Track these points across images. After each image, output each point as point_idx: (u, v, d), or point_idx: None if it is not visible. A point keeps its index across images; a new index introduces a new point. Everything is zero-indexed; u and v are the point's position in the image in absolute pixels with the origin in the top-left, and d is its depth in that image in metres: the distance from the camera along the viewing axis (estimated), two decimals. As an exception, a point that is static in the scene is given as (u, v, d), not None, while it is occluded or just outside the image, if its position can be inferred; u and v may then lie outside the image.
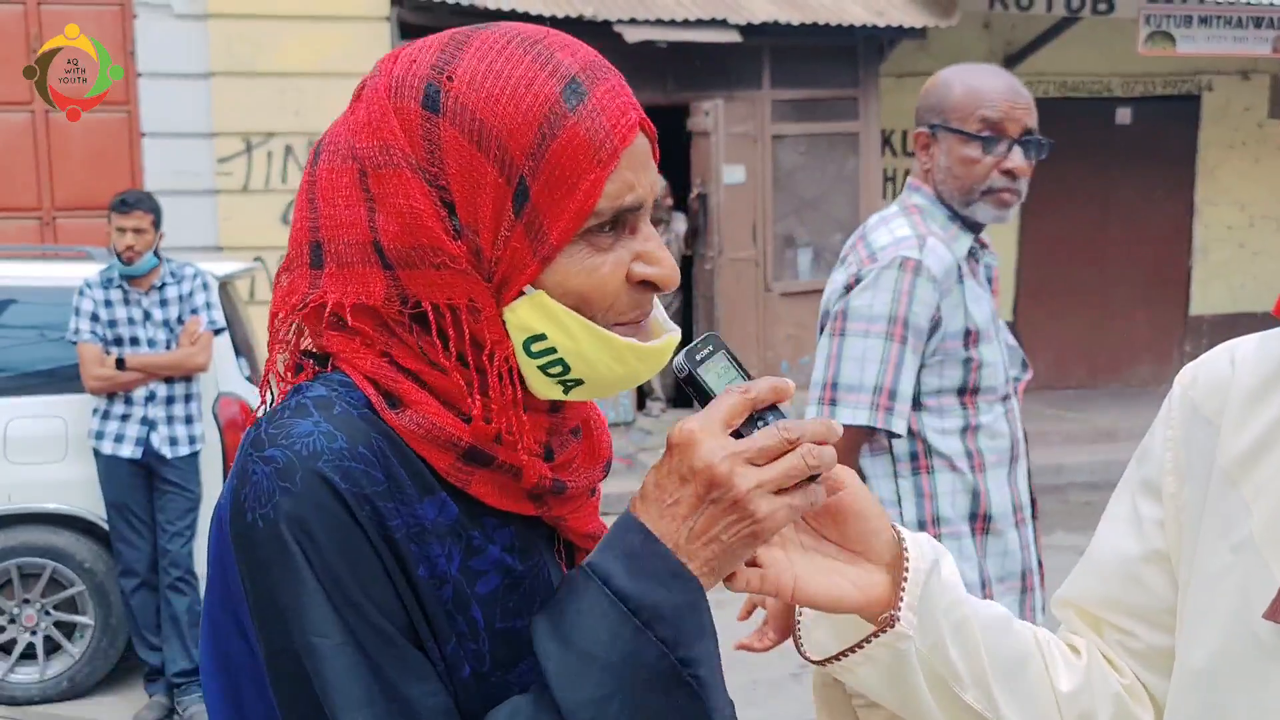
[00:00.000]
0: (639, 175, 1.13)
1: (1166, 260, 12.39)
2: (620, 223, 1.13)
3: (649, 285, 1.16)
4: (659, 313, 1.21)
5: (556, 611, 1.07)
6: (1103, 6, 10.33)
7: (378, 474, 1.08)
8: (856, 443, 2.60)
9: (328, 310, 1.14)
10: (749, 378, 1.15)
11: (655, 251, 1.15)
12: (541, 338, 1.12)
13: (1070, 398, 11.55)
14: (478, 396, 1.12)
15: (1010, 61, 11.38)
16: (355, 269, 1.13)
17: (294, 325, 1.19)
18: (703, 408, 1.12)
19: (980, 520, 2.70)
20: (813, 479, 1.11)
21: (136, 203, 5.33)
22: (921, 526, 2.66)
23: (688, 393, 1.14)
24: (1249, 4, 10.20)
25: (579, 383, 1.15)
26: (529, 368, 1.14)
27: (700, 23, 9.52)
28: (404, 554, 1.08)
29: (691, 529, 1.07)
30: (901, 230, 2.69)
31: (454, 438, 1.12)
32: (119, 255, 5.33)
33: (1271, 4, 10.23)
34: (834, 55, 10.33)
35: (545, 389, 1.15)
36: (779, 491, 1.09)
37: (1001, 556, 2.73)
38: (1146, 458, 1.32)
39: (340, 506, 1.05)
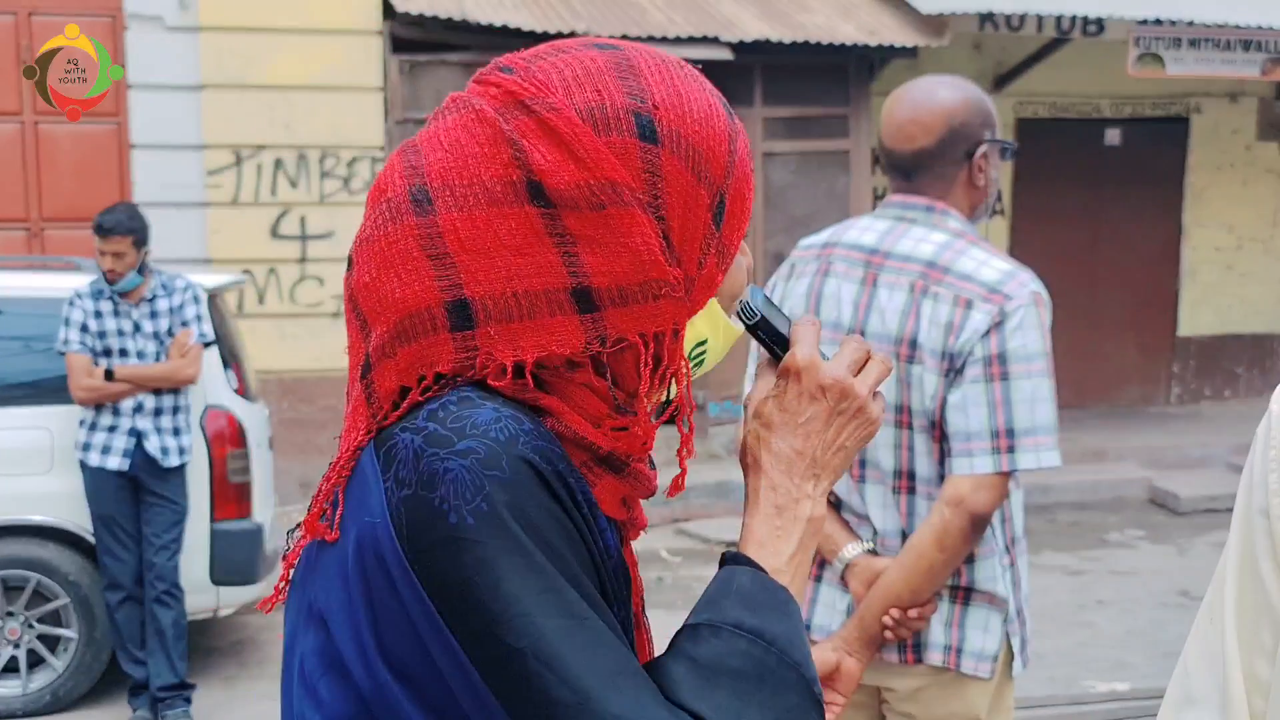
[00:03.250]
0: None
1: (1155, 282, 12.42)
2: None
3: None
4: None
5: (702, 661, 1.06)
6: (1093, 28, 10.37)
7: (560, 450, 1.05)
8: (1006, 488, 2.52)
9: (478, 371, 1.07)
10: (785, 315, 1.27)
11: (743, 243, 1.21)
12: (704, 343, 1.18)
13: (1059, 417, 11.53)
14: (635, 420, 1.12)
15: (1000, 82, 11.41)
16: (537, 320, 1.05)
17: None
18: (769, 348, 1.24)
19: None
20: None
21: (113, 228, 5.27)
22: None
23: (756, 337, 1.24)
24: (1238, 27, 10.25)
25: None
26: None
27: (692, 40, 9.53)
28: (593, 528, 1.09)
29: (824, 440, 1.20)
30: (1000, 262, 2.55)
31: (593, 444, 1.09)
32: (104, 274, 5.32)
33: (1260, 27, 10.28)
34: (825, 74, 10.36)
35: (672, 389, 1.19)
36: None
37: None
38: (1252, 486, 1.26)
39: (545, 489, 1.02)
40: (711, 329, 1.17)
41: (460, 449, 0.99)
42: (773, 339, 1.24)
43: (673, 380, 1.14)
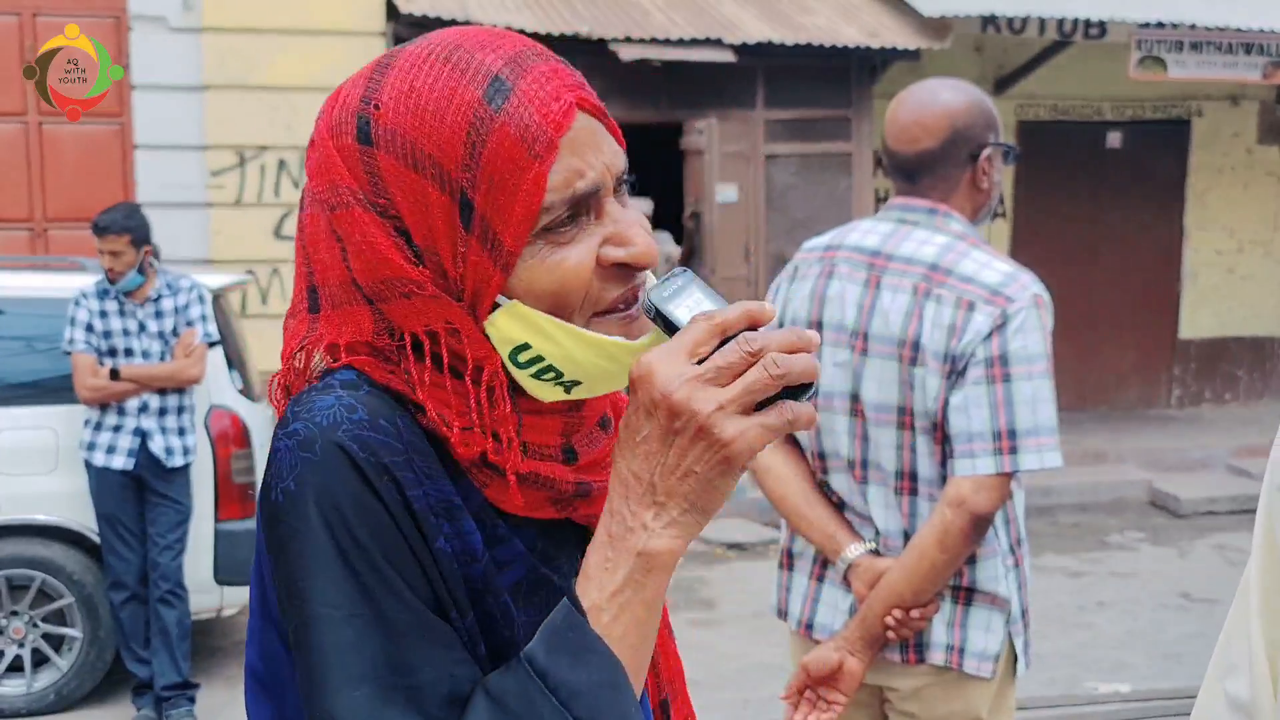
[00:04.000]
0: (587, 158, 1.08)
1: (1155, 284, 12.43)
2: (581, 210, 1.09)
3: (625, 268, 1.11)
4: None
5: (493, 693, 1.03)
6: (1094, 31, 10.39)
7: (396, 444, 1.06)
8: (1008, 488, 2.53)
9: (324, 349, 1.15)
10: (722, 304, 1.07)
11: (625, 231, 1.10)
12: (525, 347, 1.09)
13: (1059, 420, 11.53)
14: (455, 422, 1.09)
15: (1002, 84, 11.43)
16: (346, 309, 1.12)
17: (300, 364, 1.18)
18: None
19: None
20: (794, 395, 1.03)
21: (108, 226, 5.29)
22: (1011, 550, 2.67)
23: (664, 332, 1.08)
24: (1239, 30, 10.26)
25: (577, 382, 1.12)
26: (523, 377, 1.11)
27: (695, 42, 9.56)
28: (423, 525, 1.06)
29: (664, 464, 1.03)
30: (1002, 264, 2.56)
31: (449, 440, 1.10)
32: (105, 273, 5.35)
33: (1262, 30, 10.29)
34: (827, 76, 10.38)
35: (546, 393, 1.13)
36: (751, 411, 1.02)
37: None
38: (1272, 464, 1.32)
39: (358, 476, 1.04)
40: (534, 334, 1.09)
41: (290, 430, 1.06)
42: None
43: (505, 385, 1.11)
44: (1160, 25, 10.17)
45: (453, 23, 9.14)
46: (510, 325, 1.09)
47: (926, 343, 2.53)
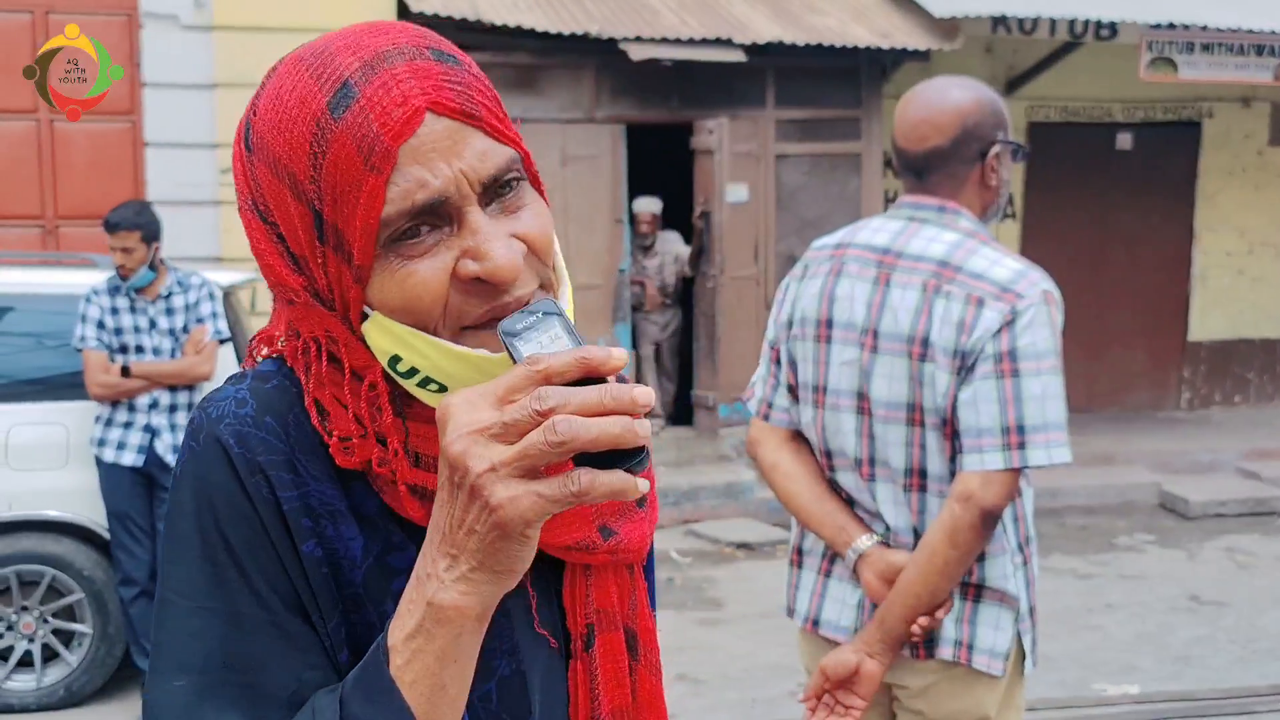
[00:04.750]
0: (436, 166, 1.01)
1: (1165, 286, 12.41)
2: (440, 221, 1.03)
3: (485, 283, 1.03)
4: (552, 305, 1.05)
5: (316, 707, 1.03)
6: (1105, 32, 10.37)
7: (278, 443, 1.06)
8: (1017, 484, 2.53)
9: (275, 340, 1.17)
10: (575, 343, 0.98)
11: (482, 245, 1.02)
12: (399, 358, 1.05)
13: (1068, 421, 11.49)
14: (337, 429, 1.08)
15: (1012, 85, 11.41)
16: (278, 305, 1.15)
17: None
18: None
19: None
20: (608, 462, 0.93)
21: (119, 223, 5.32)
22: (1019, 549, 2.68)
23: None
24: (1251, 31, 10.24)
25: None
26: (411, 387, 1.07)
27: (705, 42, 9.56)
28: (292, 526, 1.05)
29: (452, 516, 0.96)
30: (1012, 261, 2.56)
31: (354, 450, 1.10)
32: (116, 269, 5.37)
33: (1273, 32, 10.27)
34: (837, 76, 10.38)
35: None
36: (535, 475, 0.93)
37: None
38: None
39: (230, 471, 1.05)
40: (400, 345, 1.05)
41: (191, 416, 1.10)
42: None
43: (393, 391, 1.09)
44: (1171, 26, 10.16)
45: (463, 22, 9.16)
46: (378, 336, 1.06)
47: (936, 339, 2.53)
